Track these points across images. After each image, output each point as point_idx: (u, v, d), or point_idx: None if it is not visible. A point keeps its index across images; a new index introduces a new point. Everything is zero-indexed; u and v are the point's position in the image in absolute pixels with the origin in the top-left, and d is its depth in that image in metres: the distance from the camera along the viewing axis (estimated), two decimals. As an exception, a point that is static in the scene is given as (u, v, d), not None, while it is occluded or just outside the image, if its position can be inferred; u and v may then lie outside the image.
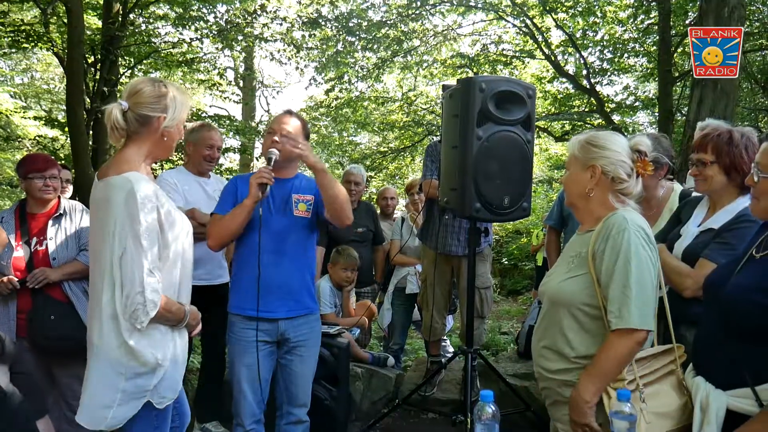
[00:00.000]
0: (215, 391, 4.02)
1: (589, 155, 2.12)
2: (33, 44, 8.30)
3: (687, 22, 10.20)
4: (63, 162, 5.54)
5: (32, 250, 3.20)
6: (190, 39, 9.80)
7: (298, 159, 3.06)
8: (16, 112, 10.55)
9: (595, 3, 11.08)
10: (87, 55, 7.87)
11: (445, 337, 5.39)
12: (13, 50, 9.09)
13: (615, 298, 1.94)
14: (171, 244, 2.15)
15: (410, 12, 11.95)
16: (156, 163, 3.56)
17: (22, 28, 8.02)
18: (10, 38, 7.99)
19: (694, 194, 2.95)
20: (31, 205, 3.31)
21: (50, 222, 3.28)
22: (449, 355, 4.74)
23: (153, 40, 9.40)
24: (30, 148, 10.37)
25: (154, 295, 2.01)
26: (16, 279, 3.09)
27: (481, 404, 1.73)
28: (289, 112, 3.10)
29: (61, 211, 3.33)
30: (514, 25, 12.10)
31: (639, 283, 1.93)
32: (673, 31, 9.98)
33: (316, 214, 3.07)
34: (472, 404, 3.19)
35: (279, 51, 11.54)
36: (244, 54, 14.52)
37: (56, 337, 3.04)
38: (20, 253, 3.17)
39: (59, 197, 3.38)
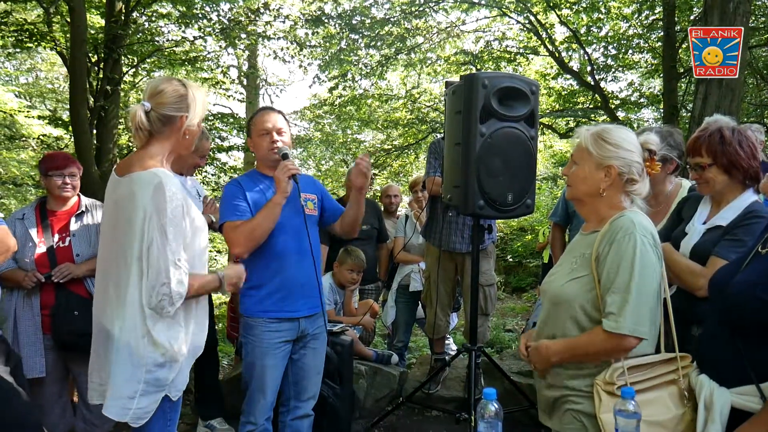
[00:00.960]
0: (216, 388, 4.03)
1: (605, 153, 2.04)
2: (36, 44, 8.31)
3: (692, 17, 10.15)
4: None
5: (54, 246, 3.24)
6: (194, 37, 9.80)
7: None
8: (20, 111, 10.58)
9: (599, -1, 11.04)
10: (90, 54, 7.87)
11: (448, 335, 5.38)
12: (18, 50, 9.11)
13: (614, 302, 1.91)
14: (195, 239, 2.22)
15: (413, 9, 11.91)
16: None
17: (25, 27, 8.03)
18: (13, 38, 8.00)
19: None
20: (50, 202, 3.36)
21: (73, 219, 3.32)
22: (453, 353, 4.73)
23: (156, 38, 9.39)
24: (35, 147, 10.39)
25: (179, 286, 2.08)
26: (41, 274, 3.13)
27: (483, 402, 1.72)
28: (270, 109, 3.05)
29: (83, 209, 3.37)
30: (518, 22, 12.06)
31: (640, 289, 1.89)
32: (678, 27, 9.93)
33: (324, 209, 3.12)
34: (476, 402, 3.18)
35: (282, 49, 11.53)
36: (247, 52, 14.51)
37: (80, 332, 3.02)
38: (42, 249, 3.21)
39: (79, 195, 3.42)
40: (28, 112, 10.78)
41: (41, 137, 9.93)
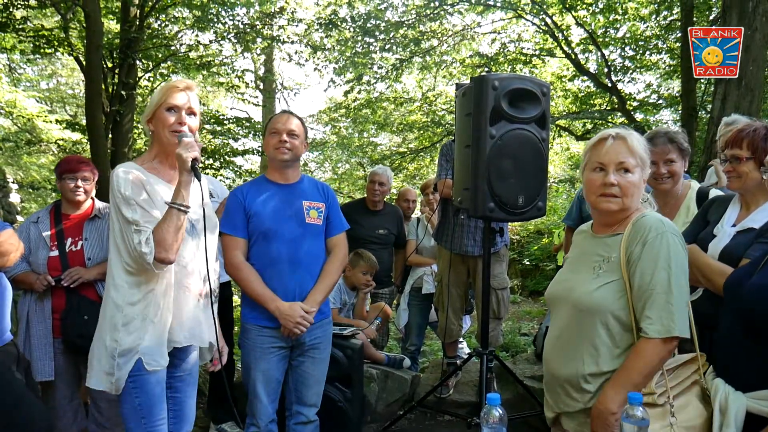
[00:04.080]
0: (228, 392, 4.02)
1: (648, 157, 2.02)
2: (53, 49, 8.42)
3: (711, 17, 10.02)
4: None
5: (66, 250, 3.26)
6: (209, 41, 9.86)
7: (299, 160, 3.04)
8: (38, 116, 10.73)
9: (615, 0, 10.92)
10: (106, 59, 7.95)
11: (461, 339, 5.34)
12: (38, 56, 9.24)
13: (656, 305, 1.84)
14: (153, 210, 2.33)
15: (428, 12, 11.89)
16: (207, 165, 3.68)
17: (42, 33, 8.13)
18: (31, 43, 8.11)
19: (713, 191, 2.87)
20: (65, 206, 3.39)
21: (86, 223, 3.34)
22: (466, 357, 4.69)
23: (171, 43, 9.47)
24: (55, 152, 10.52)
25: (144, 246, 2.24)
26: (52, 277, 3.16)
27: (487, 407, 1.69)
28: (288, 113, 3.05)
29: (96, 213, 3.39)
30: (534, 24, 11.98)
31: (679, 289, 1.85)
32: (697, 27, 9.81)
33: (327, 220, 3.04)
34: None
35: (297, 53, 11.57)
36: (263, 56, 14.57)
37: (90, 336, 3.03)
38: (55, 252, 3.23)
39: (93, 199, 3.43)
40: (46, 116, 10.92)
41: (59, 141, 10.05)
